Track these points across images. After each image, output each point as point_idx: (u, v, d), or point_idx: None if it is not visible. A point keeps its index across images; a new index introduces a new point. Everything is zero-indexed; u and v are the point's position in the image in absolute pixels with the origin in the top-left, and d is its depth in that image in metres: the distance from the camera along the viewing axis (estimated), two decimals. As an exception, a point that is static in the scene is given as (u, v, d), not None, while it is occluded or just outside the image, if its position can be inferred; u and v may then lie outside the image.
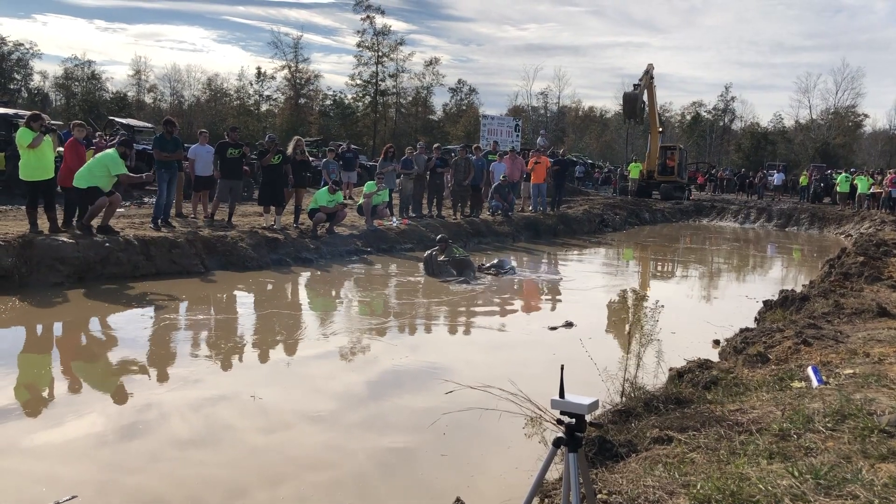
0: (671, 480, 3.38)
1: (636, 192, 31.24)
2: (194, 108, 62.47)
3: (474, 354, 7.71)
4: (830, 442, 3.67)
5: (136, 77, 64.46)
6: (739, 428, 4.08)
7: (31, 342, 7.67)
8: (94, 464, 4.68)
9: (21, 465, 4.61)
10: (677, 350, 7.06)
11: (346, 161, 21.74)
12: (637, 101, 29.58)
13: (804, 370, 5.29)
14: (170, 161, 12.88)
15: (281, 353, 7.45)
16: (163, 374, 6.58)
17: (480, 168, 18.55)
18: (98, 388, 6.33)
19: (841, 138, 63.51)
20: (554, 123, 70.16)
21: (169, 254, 11.08)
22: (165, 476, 4.52)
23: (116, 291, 9.65)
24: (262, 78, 63.07)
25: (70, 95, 60.99)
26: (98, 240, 10.40)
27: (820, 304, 8.41)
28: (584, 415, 2.53)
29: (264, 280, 11.13)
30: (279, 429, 5.36)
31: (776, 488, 3.09)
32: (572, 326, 8.78)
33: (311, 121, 62.48)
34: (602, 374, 5.34)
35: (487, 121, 33.56)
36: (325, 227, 14.01)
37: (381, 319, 9.05)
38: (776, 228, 27.36)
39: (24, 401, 5.78)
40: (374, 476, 4.64)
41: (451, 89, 70.13)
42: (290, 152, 14.43)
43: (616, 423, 4.58)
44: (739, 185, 39.89)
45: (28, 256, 9.61)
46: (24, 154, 10.28)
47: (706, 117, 70.88)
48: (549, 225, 19.99)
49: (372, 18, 60.38)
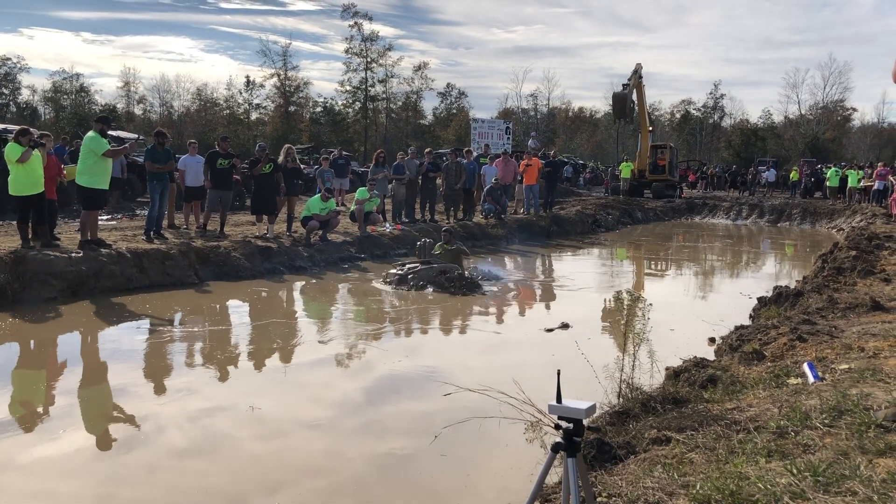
0: (670, 481, 3.38)
1: (628, 191, 31.30)
2: (184, 118, 62.40)
3: (471, 357, 7.71)
4: (828, 438, 3.68)
5: (126, 89, 64.47)
6: (737, 426, 4.08)
7: (26, 358, 7.63)
8: (92, 478, 4.66)
9: (18, 481, 4.59)
10: (673, 349, 7.07)
11: (338, 168, 21.72)
12: (626, 101, 29.67)
13: (800, 366, 5.30)
14: (161, 172, 12.84)
15: (277, 362, 7.45)
16: (159, 386, 6.56)
17: (472, 171, 18.57)
18: (94, 401, 6.31)
19: (830, 133, 63.82)
20: (544, 125, 70.29)
21: (162, 265, 11.05)
22: (163, 487, 4.51)
23: (110, 305, 9.62)
24: (251, 86, 63.09)
25: (59, 109, 60.85)
26: (91, 253, 10.36)
27: (814, 300, 8.43)
28: (582, 419, 2.53)
29: (258, 289, 11.11)
30: (277, 437, 5.35)
31: (775, 487, 3.09)
32: (568, 328, 8.78)
33: (301, 128, 62.48)
34: (599, 375, 5.34)
35: (478, 124, 33.65)
36: (318, 235, 13.99)
37: (377, 325, 9.05)
38: (768, 224, 27.46)
39: (19, 416, 5.75)
40: (373, 481, 4.64)
41: (440, 93, 70.40)
42: (281, 160, 14.41)
43: (614, 425, 4.58)
44: (731, 181, 40.00)
45: (20, 272, 9.57)
46: (14, 169, 10.24)
47: (696, 115, 71.08)
48: (542, 226, 20.00)
49: (360, 25, 60.53)
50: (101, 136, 10.87)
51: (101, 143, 10.78)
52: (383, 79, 63.05)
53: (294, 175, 14.89)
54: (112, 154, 11.03)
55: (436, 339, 8.68)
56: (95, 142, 10.76)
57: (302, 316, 9.97)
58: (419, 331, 8.93)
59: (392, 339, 8.37)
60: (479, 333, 8.87)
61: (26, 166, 10.19)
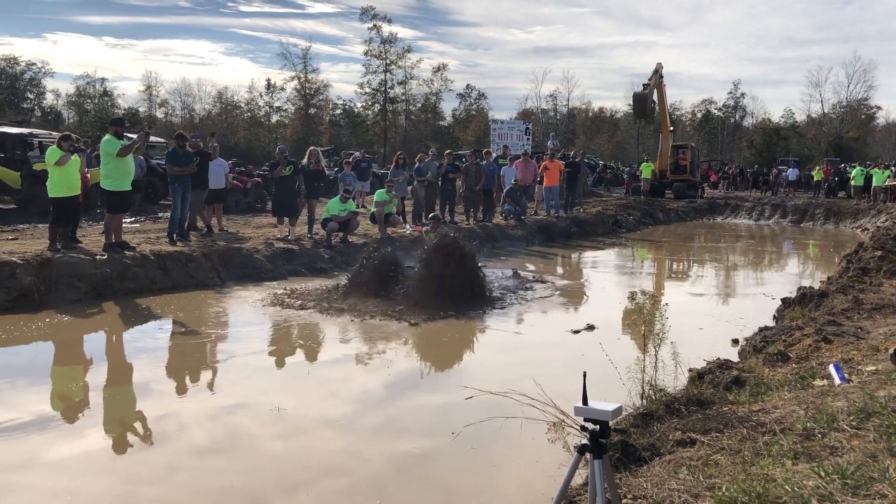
0: (696, 483, 3.36)
1: (649, 191, 31.13)
2: (206, 121, 62.89)
3: (493, 356, 7.70)
4: (856, 440, 3.64)
5: (147, 92, 65.08)
6: (763, 428, 4.05)
7: (51, 358, 7.74)
8: (114, 476, 4.72)
9: (42, 479, 4.67)
10: (696, 350, 7.02)
11: (360, 170, 21.82)
12: (647, 101, 29.50)
13: (826, 368, 5.25)
14: (183, 175, 12.95)
15: (298, 360, 7.49)
16: (181, 386, 6.63)
17: (491, 172, 18.56)
18: (117, 400, 6.37)
19: (854, 131, 63.09)
20: (564, 125, 70.10)
21: (185, 267, 11.17)
22: (184, 486, 4.56)
23: (134, 306, 9.72)
24: (272, 89, 63.48)
25: (83, 113, 61.56)
26: (115, 256, 10.49)
27: (839, 301, 8.33)
28: (609, 421, 2.53)
29: (279, 290, 11.14)
30: (297, 435, 5.39)
31: (803, 489, 3.06)
32: (593, 329, 8.77)
33: (321, 130, 62.78)
34: (622, 376, 5.31)
35: (497, 125, 33.54)
36: (338, 237, 14.05)
37: (398, 323, 9.02)
38: (791, 224, 27.18)
39: (44, 415, 5.82)
40: (393, 480, 4.65)
41: (459, 95, 70.40)
42: (304, 163, 14.53)
43: (638, 426, 4.56)
44: (753, 181, 39.65)
45: (47, 274, 9.70)
46: (52, 171, 10.73)
47: (717, 115, 70.59)
48: (562, 228, 19.94)
49: (379, 27, 60.73)
50: (116, 138, 11.08)
51: (115, 144, 11.00)
52: (402, 80, 63.24)
53: (316, 177, 14.98)
54: (124, 151, 11.14)
55: (460, 337, 8.65)
56: (110, 144, 10.99)
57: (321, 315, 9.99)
58: (442, 328, 8.91)
59: (414, 336, 8.35)
60: (504, 334, 8.81)
61: (64, 169, 10.68)
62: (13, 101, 58.03)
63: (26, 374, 6.98)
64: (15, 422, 5.58)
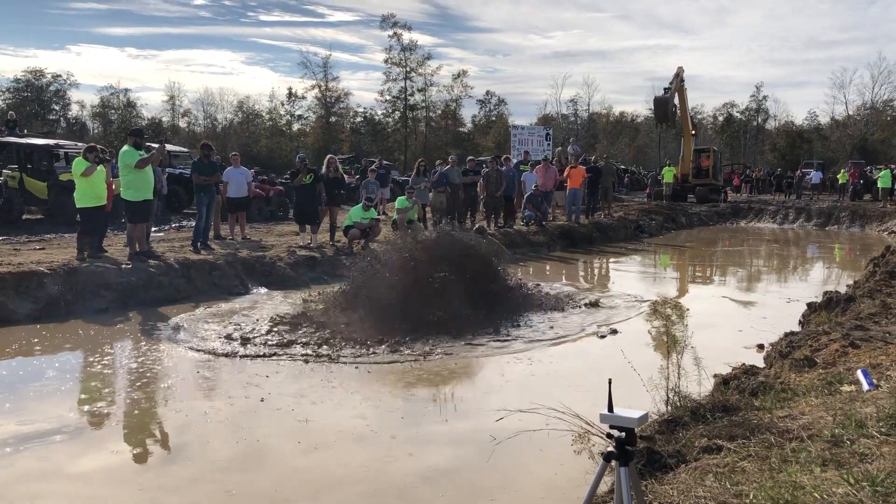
0: (723, 490, 3.33)
1: (671, 196, 30.92)
2: (228, 130, 63.46)
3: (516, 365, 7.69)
4: (885, 447, 3.59)
5: (171, 102, 65.78)
6: (790, 435, 4.01)
7: (78, 368, 7.81)
8: (137, 487, 4.75)
9: (66, 489, 4.72)
10: (721, 356, 6.97)
11: (380, 177, 21.90)
12: (668, 105, 29.33)
13: (853, 373, 5.19)
14: (207, 184, 13.08)
15: (320, 368, 7.50)
16: (205, 394, 6.66)
17: (512, 178, 18.55)
18: (141, 409, 6.40)
19: (880, 133, 62.29)
20: (585, 130, 69.91)
21: (209, 276, 11.27)
22: (207, 497, 4.60)
23: (159, 315, 9.81)
24: (293, 98, 63.92)
25: (107, 123, 62.38)
26: (140, 265, 10.62)
27: (866, 305, 8.23)
28: (634, 428, 2.52)
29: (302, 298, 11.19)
30: (321, 447, 5.39)
31: (832, 496, 3.03)
32: (616, 334, 8.77)
33: (342, 138, 63.12)
34: (646, 382, 5.28)
35: (517, 131, 33.57)
36: (360, 244, 14.10)
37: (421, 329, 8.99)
38: (816, 228, 26.88)
39: (68, 426, 5.86)
40: (418, 486, 4.66)
41: (479, 101, 70.41)
42: (324, 171, 14.63)
43: (663, 433, 4.53)
44: (776, 185, 39.25)
45: (73, 283, 9.83)
46: (79, 182, 10.98)
47: (739, 118, 70.05)
48: (583, 233, 19.86)
49: (398, 34, 60.97)
50: (135, 148, 11.20)
51: (133, 155, 11.09)
52: (422, 87, 63.40)
53: (336, 185, 15.07)
54: (142, 164, 11.23)
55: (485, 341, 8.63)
56: (128, 155, 11.09)
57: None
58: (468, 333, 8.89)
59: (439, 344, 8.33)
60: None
61: (90, 180, 10.94)
62: (39, 113, 58.93)
63: (54, 383, 7.04)
64: (42, 430, 5.65)
